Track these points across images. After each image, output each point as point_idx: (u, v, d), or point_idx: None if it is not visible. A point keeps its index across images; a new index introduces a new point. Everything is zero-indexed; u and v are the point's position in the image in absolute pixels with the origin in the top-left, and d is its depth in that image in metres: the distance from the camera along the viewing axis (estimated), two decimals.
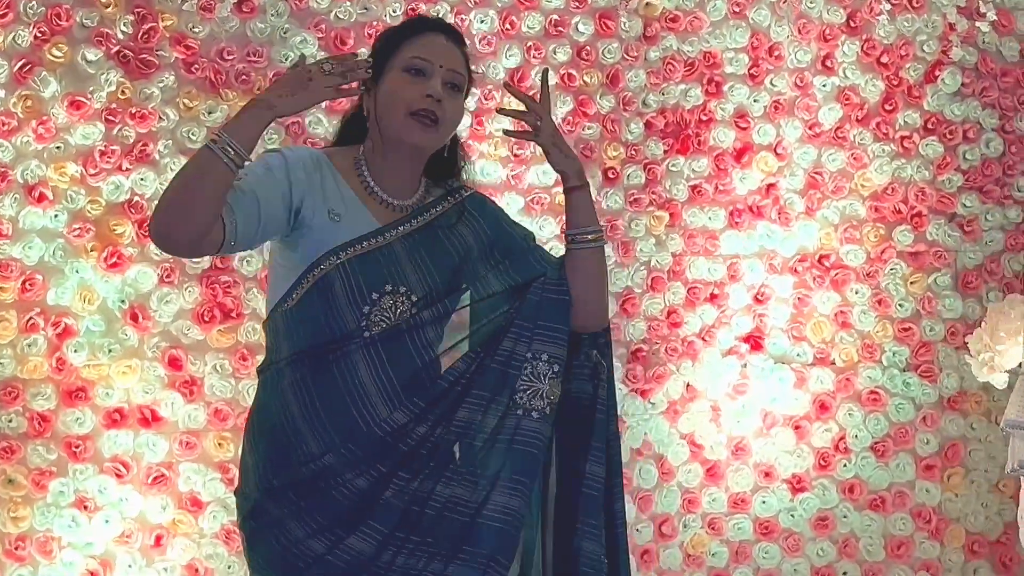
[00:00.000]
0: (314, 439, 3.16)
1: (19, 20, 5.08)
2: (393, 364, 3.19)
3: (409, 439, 3.17)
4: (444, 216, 3.40)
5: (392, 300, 3.23)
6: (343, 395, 3.17)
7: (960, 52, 6.00)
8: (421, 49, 3.29)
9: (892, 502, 5.92)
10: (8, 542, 5.03)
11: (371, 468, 3.15)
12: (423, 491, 3.15)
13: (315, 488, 3.15)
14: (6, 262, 5.09)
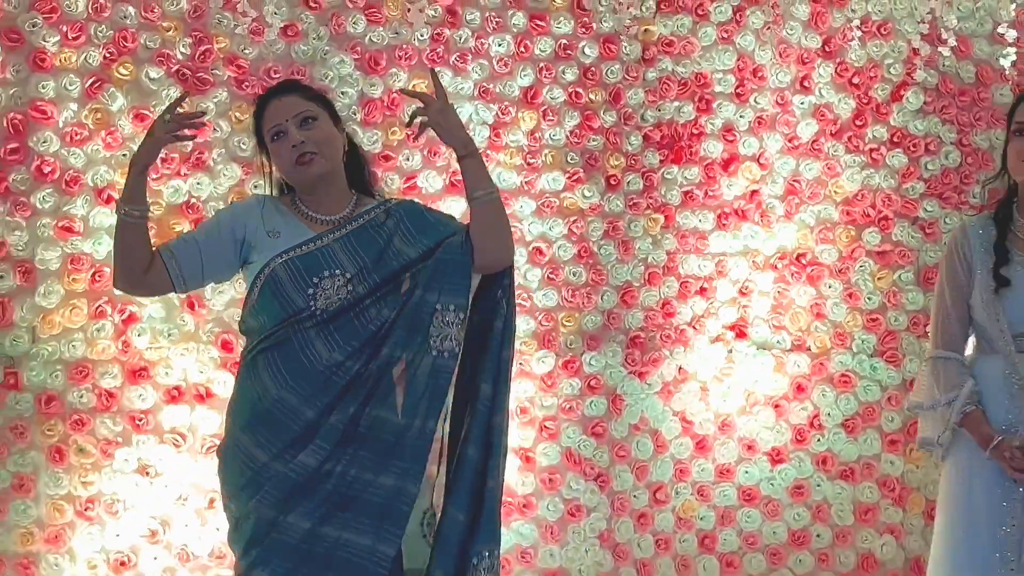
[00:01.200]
0: (293, 396, 3.65)
1: (90, 42, 5.06)
2: (339, 332, 3.68)
3: (346, 374, 3.64)
4: (374, 218, 3.84)
5: (331, 282, 3.69)
6: (299, 357, 3.66)
7: (923, 74, 5.95)
8: (270, 119, 3.81)
9: (860, 473, 5.87)
10: (79, 504, 5.01)
11: (317, 400, 3.62)
12: (359, 414, 3.64)
13: (275, 421, 3.63)
14: (78, 256, 5.06)
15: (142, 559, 5.05)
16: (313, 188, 3.79)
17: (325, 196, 3.81)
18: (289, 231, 3.77)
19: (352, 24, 5.31)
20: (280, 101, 3.80)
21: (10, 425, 4.94)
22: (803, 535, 5.80)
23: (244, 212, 3.85)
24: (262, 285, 3.70)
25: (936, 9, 5.67)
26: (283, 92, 3.86)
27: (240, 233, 3.77)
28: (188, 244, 3.78)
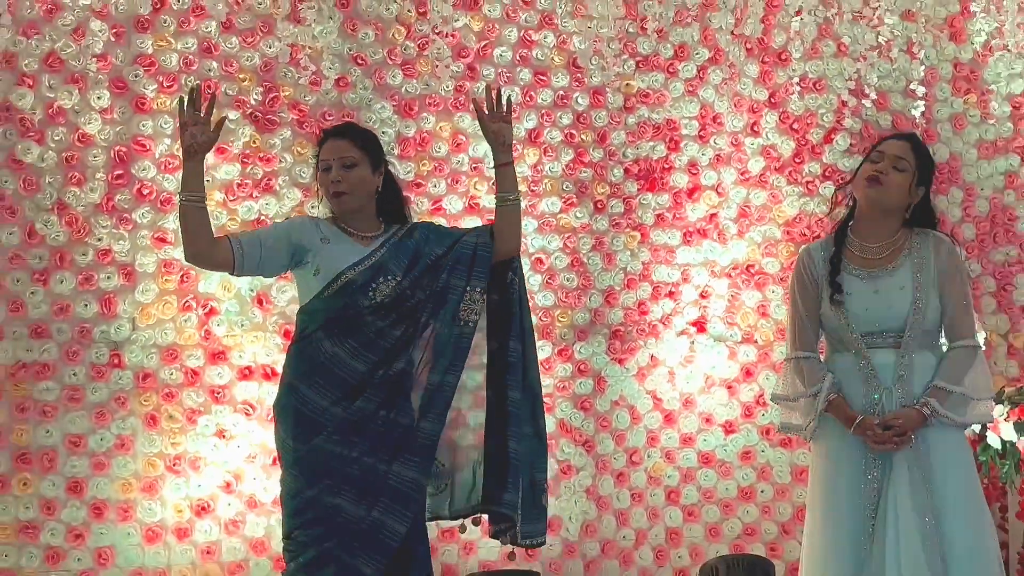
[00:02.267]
0: (344, 352, 3.76)
1: (181, 89, 5.03)
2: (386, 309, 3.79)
3: (389, 338, 3.78)
4: (404, 236, 3.92)
5: (387, 284, 3.78)
6: (355, 331, 3.76)
7: (850, 122, 5.98)
8: (324, 153, 3.87)
9: (796, 441, 5.85)
10: (168, 460, 5.02)
11: (369, 356, 3.75)
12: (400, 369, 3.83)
13: (332, 373, 3.73)
14: (170, 261, 5.07)
15: (218, 505, 5.06)
16: (344, 216, 3.86)
17: (355, 221, 3.87)
18: (336, 240, 3.83)
19: (391, 77, 5.35)
20: (335, 142, 3.86)
21: (114, 397, 4.95)
22: (750, 491, 5.83)
23: (301, 225, 3.91)
24: (339, 285, 3.76)
25: (861, 70, 5.69)
26: (339, 135, 3.90)
27: (296, 240, 3.80)
28: (253, 239, 3.82)
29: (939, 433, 3.65)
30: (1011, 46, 5.86)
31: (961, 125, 6.17)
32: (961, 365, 3.69)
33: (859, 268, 3.74)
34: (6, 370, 4.85)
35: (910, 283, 3.69)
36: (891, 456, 3.62)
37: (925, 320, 3.70)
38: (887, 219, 3.77)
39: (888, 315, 3.70)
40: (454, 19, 5.40)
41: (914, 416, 3.61)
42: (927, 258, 3.72)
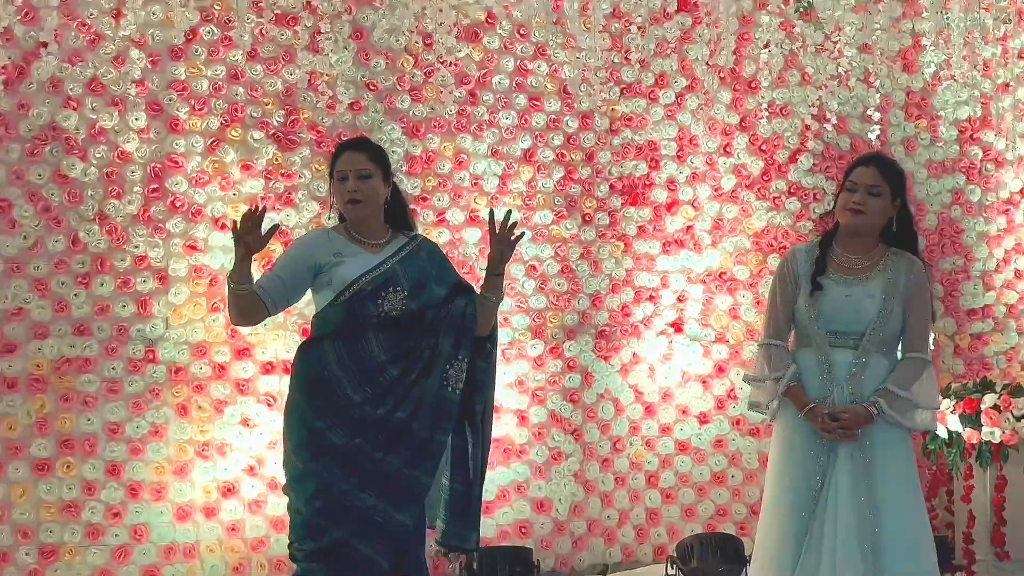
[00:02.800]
0: (346, 378, 3.57)
1: (211, 112, 5.09)
2: (398, 340, 3.62)
3: (390, 376, 3.60)
4: (412, 249, 3.74)
5: (394, 296, 3.62)
6: (360, 351, 3.59)
7: (813, 143, 6.01)
8: (340, 165, 3.70)
9: (763, 431, 5.87)
10: (198, 446, 5.03)
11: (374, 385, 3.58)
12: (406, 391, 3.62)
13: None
14: (200, 267, 5.09)
15: (243, 487, 5.07)
16: (356, 223, 3.71)
17: (366, 228, 3.71)
18: (349, 253, 3.66)
19: (400, 102, 5.36)
20: (352, 154, 3.72)
21: (149, 388, 4.96)
22: (721, 476, 5.87)
23: (314, 245, 3.75)
24: (350, 295, 3.61)
25: (822, 97, 5.72)
26: (355, 148, 3.78)
27: (312, 262, 3.66)
28: (275, 283, 3.65)
29: (884, 431, 3.67)
30: (957, 76, 5.87)
31: (912, 147, 6.20)
32: (911, 374, 3.71)
33: (837, 274, 3.77)
34: (51, 364, 4.86)
35: (879, 294, 3.72)
36: (838, 445, 3.65)
37: (885, 329, 3.72)
38: (869, 236, 3.80)
39: (854, 319, 3.73)
40: (457, 50, 5.40)
41: (861, 413, 3.64)
42: (899, 276, 3.75)
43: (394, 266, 3.65)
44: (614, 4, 5.63)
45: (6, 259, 4.83)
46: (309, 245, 3.75)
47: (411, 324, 3.64)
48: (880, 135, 5.92)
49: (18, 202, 4.85)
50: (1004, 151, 6.26)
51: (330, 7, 5.20)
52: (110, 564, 4.89)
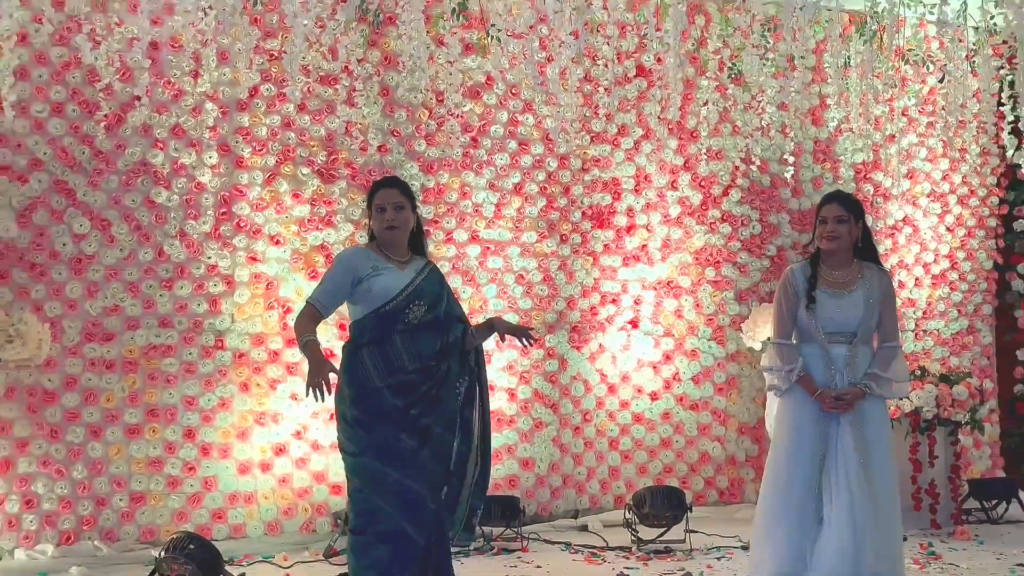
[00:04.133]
0: (376, 375, 3.37)
1: (268, 152, 5.11)
2: (416, 342, 3.42)
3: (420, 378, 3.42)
4: (430, 272, 3.56)
5: (417, 308, 3.45)
6: (394, 350, 3.40)
7: (741, 181, 6.06)
8: (379, 199, 3.54)
9: (702, 406, 5.96)
10: (255, 415, 5.05)
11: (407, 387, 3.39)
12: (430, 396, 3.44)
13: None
14: (259, 274, 5.10)
15: (291, 448, 5.09)
16: (388, 244, 3.53)
17: (396, 248, 3.54)
18: (383, 268, 3.47)
19: (417, 145, 5.38)
20: (388, 190, 3.59)
21: (218, 369, 4.98)
22: (668, 441, 5.90)
23: (355, 260, 3.52)
24: (387, 308, 3.43)
25: (749, 144, 5.73)
26: (390, 184, 3.64)
27: (354, 275, 3.45)
28: (327, 295, 3.47)
29: (871, 403, 3.84)
30: (855, 129, 5.93)
31: (819, 185, 6.24)
32: (889, 359, 3.86)
33: (828, 288, 3.89)
34: (141, 350, 4.88)
35: (863, 302, 3.85)
36: (838, 415, 3.81)
37: (868, 328, 3.86)
38: (845, 255, 3.92)
39: (845, 322, 3.85)
40: (463, 105, 5.44)
41: (858, 392, 3.80)
42: (873, 286, 3.88)
43: (420, 283, 3.51)
44: (586, 70, 5.66)
45: (106, 267, 4.85)
46: (352, 260, 3.54)
47: (427, 330, 3.48)
48: (794, 175, 5.96)
49: (116, 222, 4.87)
50: (891, 188, 6.34)
51: (363, 70, 5.22)
52: (186, 508, 4.91)
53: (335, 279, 3.51)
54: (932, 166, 6.50)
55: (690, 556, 4.80)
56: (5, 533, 4.61)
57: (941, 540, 5.22)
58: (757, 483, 5.84)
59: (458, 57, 5.27)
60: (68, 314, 4.77)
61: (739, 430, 6.02)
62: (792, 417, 3.90)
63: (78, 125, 4.80)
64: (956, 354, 6.50)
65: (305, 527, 5.06)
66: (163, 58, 4.88)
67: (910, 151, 6.40)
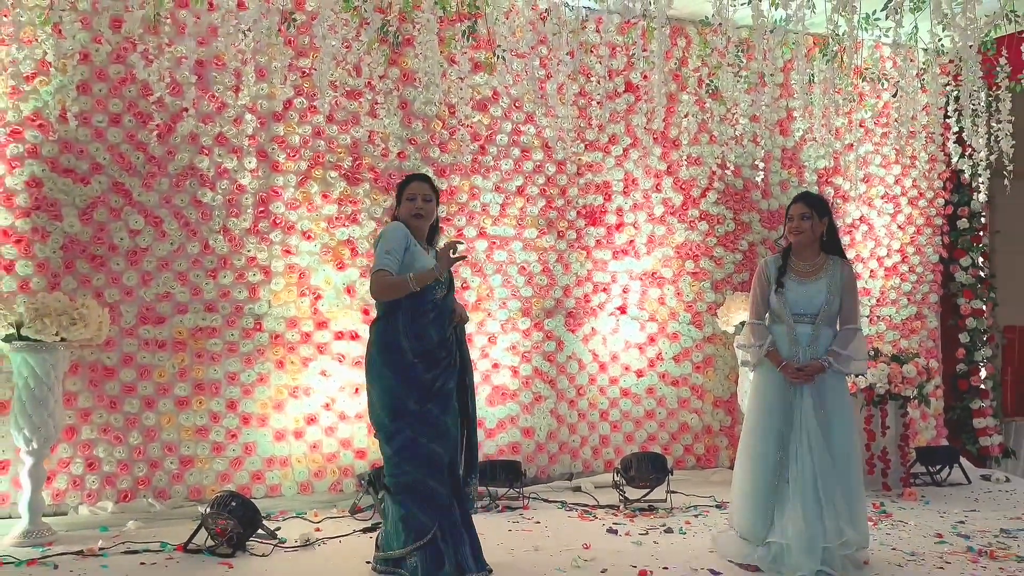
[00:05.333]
0: (408, 344, 3.38)
1: (301, 158, 5.07)
2: (440, 317, 3.46)
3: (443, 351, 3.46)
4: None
5: (439, 288, 3.45)
6: (424, 325, 3.41)
7: (718, 184, 6.02)
8: (411, 189, 3.55)
9: (682, 383, 5.94)
10: (289, 389, 5.02)
11: (434, 359, 3.42)
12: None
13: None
14: (292, 265, 5.07)
15: (321, 418, 5.07)
16: (415, 231, 3.51)
17: (420, 235, 3.52)
18: (417, 248, 3.47)
19: (432, 152, 5.35)
20: (419, 183, 3.59)
21: (256, 349, 4.96)
22: (652, 413, 5.87)
23: (404, 235, 3.45)
24: (433, 286, 3.46)
25: (724, 152, 5.66)
26: (422, 179, 3.63)
27: (406, 244, 3.42)
28: (395, 261, 3.39)
29: (832, 376, 3.84)
30: (818, 138, 5.90)
31: (786, 187, 6.22)
32: (848, 338, 3.86)
33: (796, 276, 3.92)
34: (189, 331, 4.87)
35: (825, 289, 3.86)
36: (802, 387, 3.82)
37: (831, 310, 3.87)
38: (811, 248, 3.93)
39: (810, 305, 3.86)
40: (472, 116, 5.42)
41: (817, 366, 3.81)
42: (836, 274, 3.89)
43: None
44: (581, 86, 5.62)
45: (159, 258, 4.83)
46: (402, 231, 3.46)
47: (445, 307, 3.50)
48: (764, 179, 5.95)
49: (167, 219, 4.85)
50: (849, 191, 6.32)
51: (384, 86, 5.19)
52: (229, 470, 4.91)
53: (397, 246, 3.41)
54: (886, 171, 6.47)
55: (671, 513, 4.80)
56: (70, 492, 4.61)
57: (892, 500, 5.23)
58: (730, 450, 5.90)
59: (468, 74, 5.24)
60: (125, 300, 4.76)
61: (714, 403, 6.00)
62: (761, 390, 3.93)
63: (133, 134, 4.78)
64: (906, 337, 6.49)
65: (333, 487, 5.06)
66: (208, 75, 4.86)
67: (866, 158, 6.38)
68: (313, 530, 4.40)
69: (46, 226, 4.61)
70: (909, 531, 4.48)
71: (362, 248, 5.19)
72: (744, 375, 5.52)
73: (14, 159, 4.55)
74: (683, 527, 4.51)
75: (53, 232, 4.61)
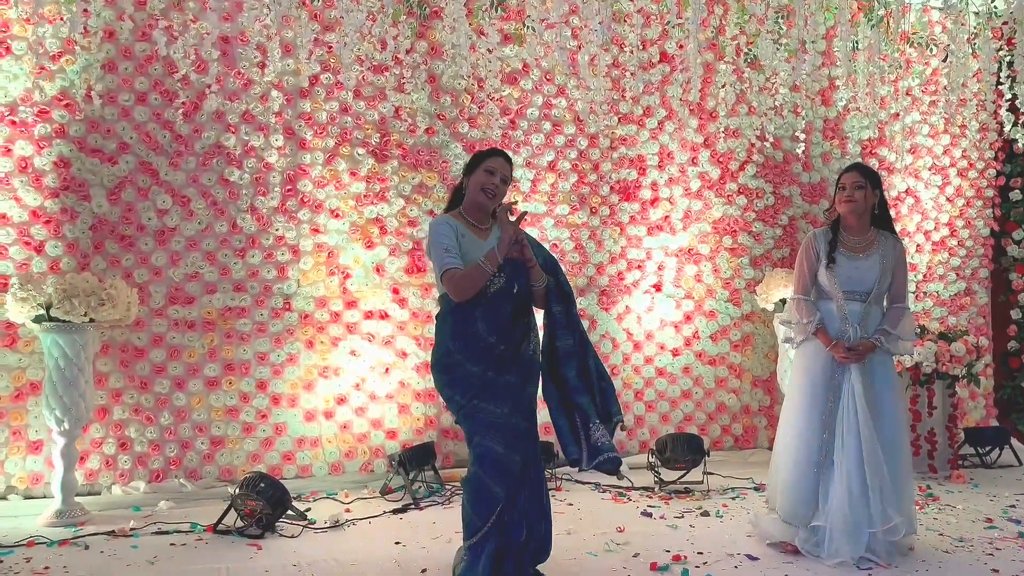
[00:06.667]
0: (485, 332, 3.06)
1: (328, 135, 5.04)
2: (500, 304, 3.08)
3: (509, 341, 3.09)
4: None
5: (497, 280, 3.07)
6: (491, 314, 3.07)
7: (757, 157, 5.90)
8: (491, 163, 3.19)
9: (719, 361, 5.85)
10: (319, 369, 5.01)
11: (503, 344, 3.07)
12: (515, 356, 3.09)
13: (485, 351, 3.07)
14: (321, 244, 5.05)
15: (351, 398, 5.07)
16: (478, 207, 3.18)
17: (482, 216, 3.19)
18: (468, 237, 3.13)
19: (461, 127, 5.29)
20: (502, 160, 3.21)
21: (286, 329, 4.96)
22: (688, 392, 5.80)
23: (451, 231, 3.12)
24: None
25: (763, 123, 5.56)
26: (502, 155, 3.24)
27: (456, 234, 3.10)
28: (458, 260, 3.06)
29: (879, 356, 3.74)
30: (861, 108, 5.77)
31: (828, 160, 6.08)
32: (898, 318, 3.76)
33: (847, 251, 3.80)
34: (219, 312, 4.87)
35: (878, 266, 3.75)
36: (850, 366, 3.71)
37: (882, 289, 3.77)
38: (862, 220, 3.81)
39: (861, 283, 3.75)
40: (501, 90, 5.35)
41: (869, 345, 3.71)
42: (888, 252, 3.78)
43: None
44: (614, 57, 5.52)
45: (187, 238, 4.83)
46: (451, 231, 3.13)
47: (502, 300, 3.11)
48: (804, 151, 5.82)
49: (195, 198, 4.84)
50: (895, 162, 6.16)
51: (411, 60, 5.13)
52: (259, 450, 4.91)
53: (450, 241, 3.11)
54: (934, 141, 6.28)
55: (707, 496, 4.72)
56: (104, 472, 4.65)
57: (939, 483, 5.09)
58: (769, 431, 5.79)
59: (497, 46, 5.16)
60: (154, 280, 4.77)
61: (753, 383, 5.90)
62: (807, 367, 3.80)
63: (160, 112, 4.76)
64: (954, 314, 6.32)
65: (364, 468, 5.05)
66: (233, 51, 4.82)
67: (913, 128, 6.20)
68: (343, 511, 4.39)
69: (75, 206, 4.62)
70: (957, 515, 4.35)
71: (391, 227, 5.15)
72: (783, 353, 5.40)
73: (42, 139, 4.56)
74: (720, 510, 4.42)
75: (82, 212, 4.63)
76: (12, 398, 4.49)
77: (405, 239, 5.17)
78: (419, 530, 4.03)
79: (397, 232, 5.15)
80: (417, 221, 5.19)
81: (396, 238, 5.15)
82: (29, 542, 3.82)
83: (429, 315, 5.13)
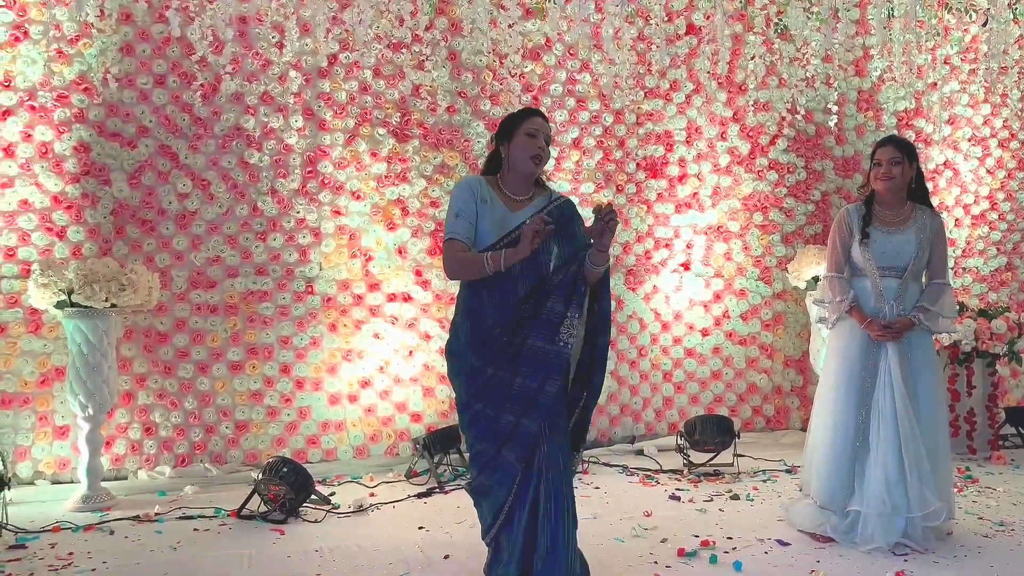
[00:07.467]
0: (491, 316, 2.85)
1: (348, 115, 4.99)
2: (525, 277, 2.84)
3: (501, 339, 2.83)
4: (549, 211, 2.91)
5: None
6: (506, 294, 2.85)
7: (787, 131, 5.77)
8: (532, 125, 2.90)
9: (750, 341, 5.75)
10: (342, 352, 4.99)
11: (508, 333, 2.83)
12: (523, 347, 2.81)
13: (488, 341, 2.85)
14: (343, 226, 5.01)
15: (375, 381, 5.04)
16: (517, 178, 2.92)
17: (521, 185, 2.93)
18: (494, 202, 2.88)
19: (483, 105, 5.22)
20: (542, 120, 2.94)
21: (308, 312, 4.94)
22: (718, 373, 5.72)
23: (472, 193, 2.86)
24: (506, 244, 2.85)
25: (794, 95, 5.47)
26: (539, 115, 2.97)
27: (476, 200, 2.84)
28: (467, 228, 2.85)
29: (917, 335, 3.64)
30: (897, 78, 5.61)
31: (862, 132, 5.93)
32: (937, 294, 3.65)
33: (882, 226, 3.68)
34: (241, 295, 4.86)
35: (914, 240, 3.63)
36: (886, 344, 3.60)
37: (919, 264, 3.65)
38: (899, 196, 3.69)
39: (897, 258, 3.64)
40: (524, 66, 5.26)
41: (907, 323, 3.60)
42: (925, 225, 3.66)
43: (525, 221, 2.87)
44: (639, 30, 5.40)
45: (208, 222, 4.81)
46: (469, 194, 2.89)
47: (528, 274, 2.85)
48: (837, 123, 5.66)
49: (215, 181, 4.82)
50: (932, 134, 5.99)
51: (431, 37, 5.05)
52: (284, 435, 4.91)
53: (465, 206, 2.87)
54: (973, 111, 6.08)
55: (737, 479, 4.64)
56: (129, 456, 4.67)
57: (978, 464, 4.96)
58: (802, 411, 5.68)
59: (518, 21, 5.08)
60: (176, 264, 4.76)
61: (785, 363, 5.79)
62: (842, 347, 3.69)
63: (178, 95, 4.74)
64: (995, 290, 6.14)
65: (389, 451, 5.03)
66: (250, 31, 4.77)
67: (952, 98, 6.01)
68: (368, 495, 4.37)
69: (96, 191, 4.62)
70: (997, 498, 4.22)
71: (412, 207, 5.10)
72: (817, 333, 5.29)
73: (62, 124, 4.56)
74: (750, 493, 4.33)
75: (103, 197, 4.62)
76: (38, 384, 4.52)
77: (427, 220, 5.11)
78: (444, 514, 4.00)
79: (419, 213, 5.09)
80: (439, 202, 5.13)
81: (418, 219, 5.10)
82: (55, 527, 3.84)
83: (452, 297, 5.08)
